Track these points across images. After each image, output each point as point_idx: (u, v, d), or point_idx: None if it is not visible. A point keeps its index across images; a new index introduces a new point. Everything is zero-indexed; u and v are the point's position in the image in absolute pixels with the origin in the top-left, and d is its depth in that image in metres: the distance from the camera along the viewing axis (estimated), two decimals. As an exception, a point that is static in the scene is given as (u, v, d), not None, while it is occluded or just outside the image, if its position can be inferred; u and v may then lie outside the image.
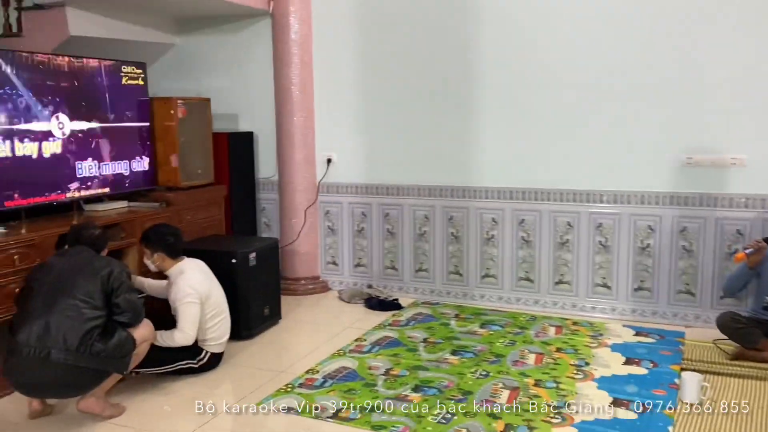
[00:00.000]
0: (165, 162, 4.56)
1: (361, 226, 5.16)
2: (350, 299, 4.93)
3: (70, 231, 3.27)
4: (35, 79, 3.72)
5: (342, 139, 5.11)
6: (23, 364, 2.83)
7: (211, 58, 5.43)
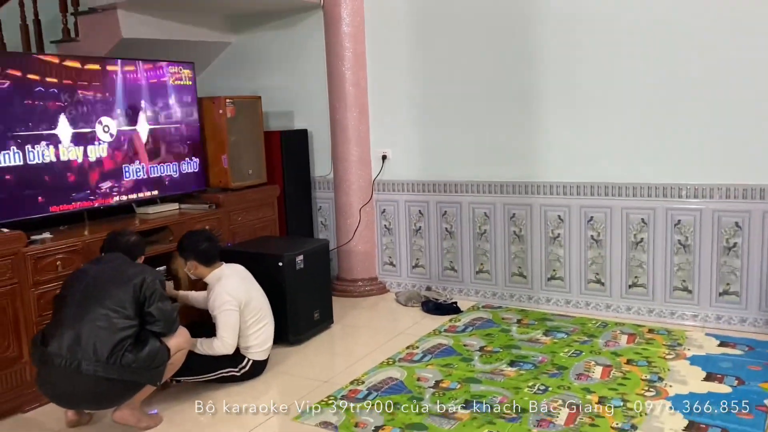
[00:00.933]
0: (215, 163, 4.49)
1: (418, 225, 4.92)
2: (407, 302, 4.70)
3: (106, 238, 3.22)
4: (82, 83, 3.70)
5: (397, 135, 4.88)
6: (54, 375, 2.77)
7: (266, 56, 5.33)
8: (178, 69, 4.30)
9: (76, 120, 3.67)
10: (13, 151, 3.37)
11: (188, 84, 4.37)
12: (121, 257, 3.07)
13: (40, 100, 3.49)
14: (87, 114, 3.74)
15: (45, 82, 3.51)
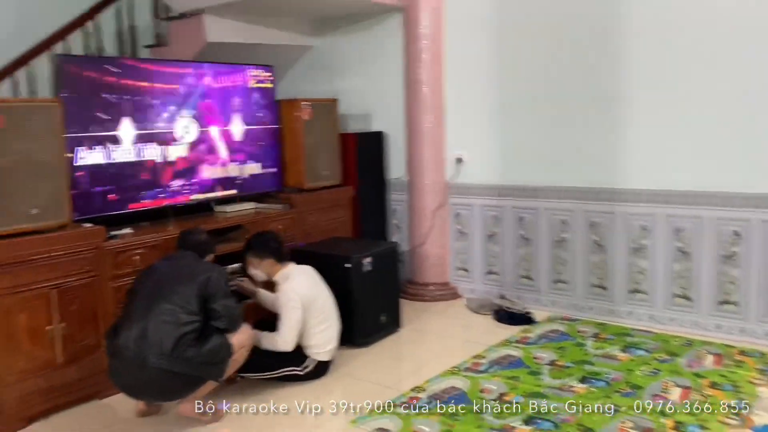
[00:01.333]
0: (292, 163, 4.56)
1: (493, 231, 4.78)
2: (478, 309, 4.58)
3: (179, 235, 3.33)
4: (164, 85, 3.85)
5: (473, 137, 4.77)
6: (123, 366, 2.89)
7: (345, 59, 5.36)
8: (258, 72, 4.40)
9: (157, 121, 3.83)
10: (96, 150, 3.55)
11: (268, 87, 4.46)
12: (191, 255, 3.17)
13: (124, 101, 3.66)
14: (168, 115, 3.89)
15: (129, 84, 3.68)
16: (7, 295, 3.02)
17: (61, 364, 3.22)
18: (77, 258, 3.27)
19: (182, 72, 3.97)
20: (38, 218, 3.14)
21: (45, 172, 3.15)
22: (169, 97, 3.89)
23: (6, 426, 3.04)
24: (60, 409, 3.22)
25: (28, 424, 3.10)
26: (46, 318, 3.16)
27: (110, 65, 3.61)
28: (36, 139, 3.10)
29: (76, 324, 3.26)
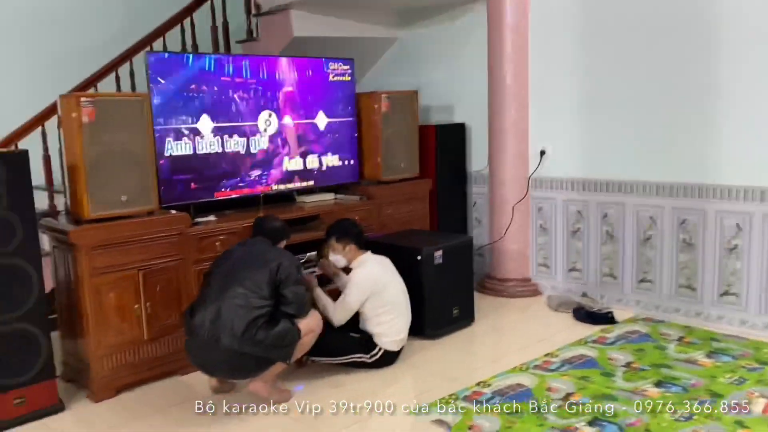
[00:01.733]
0: (369, 156, 4.62)
1: (577, 227, 4.63)
2: (557, 307, 4.46)
3: (254, 222, 3.47)
4: (246, 80, 4.02)
5: (558, 129, 4.63)
6: (198, 345, 3.06)
7: (429, 50, 5.36)
8: (338, 65, 4.49)
9: (240, 114, 4.00)
10: (182, 142, 3.76)
11: (347, 80, 4.54)
12: (264, 242, 3.30)
13: (208, 95, 3.85)
14: (250, 108, 4.05)
15: (213, 79, 3.87)
16: (100, 275, 3.29)
17: (147, 341, 3.46)
18: (163, 242, 3.49)
19: (264, 66, 4.11)
20: (128, 204, 3.38)
21: (134, 161, 3.38)
22: (251, 90, 4.05)
23: (97, 395, 3.31)
24: (144, 383, 3.47)
25: (116, 394, 3.36)
26: (134, 297, 3.40)
27: (195, 61, 3.81)
28: (125, 131, 3.34)
29: (161, 304, 3.49)
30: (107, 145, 3.29)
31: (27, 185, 3.04)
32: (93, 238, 3.25)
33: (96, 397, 3.31)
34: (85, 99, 3.21)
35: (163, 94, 3.65)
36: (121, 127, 3.33)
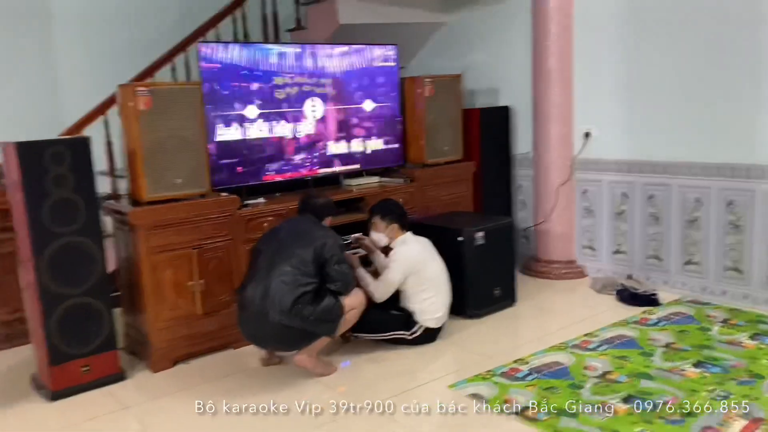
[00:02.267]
0: (414, 139, 4.71)
1: (622, 209, 4.61)
2: (601, 289, 4.47)
3: (300, 199, 3.61)
4: (292, 67, 4.16)
5: (602, 110, 4.61)
6: (248, 318, 3.25)
7: (476, 33, 5.38)
8: (382, 51, 4.58)
9: (286, 100, 4.15)
10: (232, 128, 3.94)
11: (392, 65, 4.63)
12: (310, 219, 3.44)
13: (256, 82, 4.01)
14: (298, 94, 4.20)
15: (261, 66, 4.02)
16: (157, 253, 3.51)
17: (201, 316, 3.67)
18: (215, 223, 3.69)
19: (309, 54, 4.24)
20: (182, 187, 3.59)
21: (187, 147, 3.58)
22: (297, 77, 4.19)
23: (155, 365, 3.54)
24: (199, 355, 3.68)
25: (173, 365, 3.59)
26: (189, 275, 3.61)
27: (244, 50, 3.97)
28: (179, 118, 3.53)
29: (214, 281, 3.69)
30: (162, 131, 3.49)
31: (89, 169, 3.26)
32: (150, 218, 3.47)
33: (154, 367, 3.54)
34: (141, 88, 3.42)
35: (213, 82, 3.83)
36: (175, 114, 3.52)
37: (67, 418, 3.05)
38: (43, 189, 3.11)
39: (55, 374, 3.23)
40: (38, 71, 5.48)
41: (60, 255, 3.18)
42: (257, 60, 4.00)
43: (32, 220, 3.11)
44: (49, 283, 3.16)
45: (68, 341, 3.24)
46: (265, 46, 4.13)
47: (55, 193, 3.14)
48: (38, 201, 3.11)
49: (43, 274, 3.15)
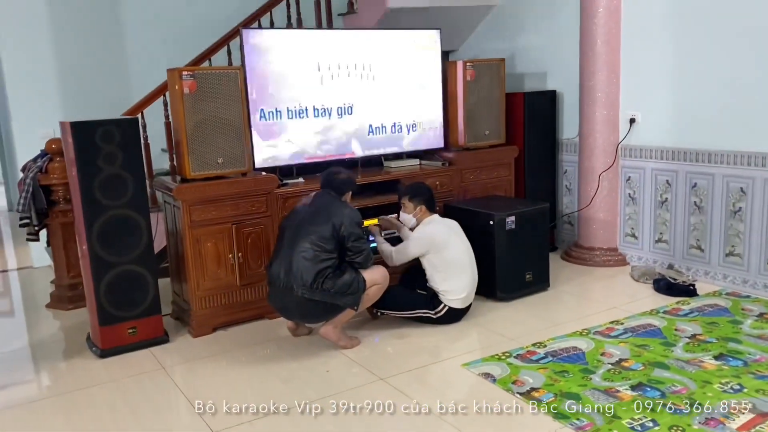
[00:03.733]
0: (454, 123, 4.76)
1: (665, 197, 4.51)
2: (639, 278, 4.41)
3: (322, 176, 3.75)
4: (335, 51, 4.30)
5: (649, 96, 4.50)
6: (276, 293, 3.46)
7: (527, 16, 5.34)
8: (425, 35, 4.64)
9: (331, 83, 4.30)
10: (275, 110, 4.13)
11: (433, 49, 4.69)
12: (330, 196, 3.57)
13: (297, 65, 4.18)
14: (340, 78, 4.34)
15: (303, 50, 4.18)
16: (199, 227, 3.76)
17: (239, 287, 3.91)
18: (254, 200, 3.91)
19: (352, 39, 4.37)
20: (224, 166, 3.82)
21: (229, 128, 3.80)
22: (339, 61, 4.32)
23: (196, 331, 3.82)
24: (237, 323, 3.94)
25: (212, 331, 3.85)
26: (228, 248, 3.85)
27: (286, 35, 4.14)
28: (222, 101, 3.75)
29: (251, 254, 3.92)
30: (206, 113, 3.72)
31: (137, 147, 3.54)
32: (192, 194, 3.72)
33: (195, 332, 3.82)
34: (186, 72, 3.65)
35: (256, 66, 4.03)
36: (218, 97, 3.74)
37: (111, 373, 3.37)
38: (95, 165, 3.41)
39: (104, 334, 3.56)
40: (109, 52, 5.85)
41: (109, 226, 3.48)
42: (300, 44, 4.16)
43: (84, 193, 3.42)
44: (99, 251, 3.48)
45: (116, 305, 3.55)
46: (306, 30, 4.29)
47: (106, 169, 3.44)
48: (90, 176, 3.41)
49: (94, 243, 3.46)
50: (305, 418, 2.82)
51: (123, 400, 3.09)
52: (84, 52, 5.71)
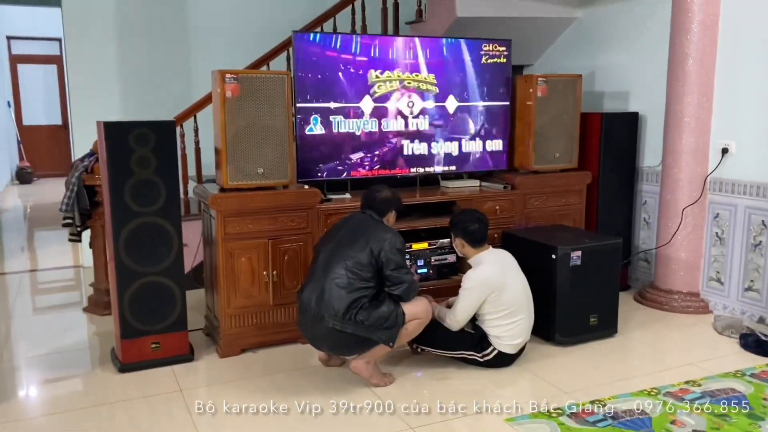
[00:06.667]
0: (521, 143, 4.36)
1: (759, 240, 3.94)
2: (723, 330, 3.85)
3: (363, 194, 3.40)
4: (391, 61, 4.00)
5: (746, 124, 3.96)
6: (306, 320, 3.14)
7: (611, 31, 4.87)
8: (493, 47, 4.27)
9: (385, 94, 3.99)
10: (324, 120, 3.86)
11: (503, 62, 4.30)
12: (369, 219, 3.24)
13: (350, 74, 3.89)
14: (395, 89, 4.02)
15: (355, 59, 3.89)
16: (233, 240, 3.52)
17: (272, 306, 3.64)
18: (294, 215, 3.64)
19: (411, 47, 4.04)
20: (264, 177, 3.57)
21: (273, 136, 3.55)
22: (398, 71, 4.01)
23: (223, 351, 3.57)
24: (267, 345, 3.66)
25: (240, 352, 3.59)
26: (263, 264, 3.59)
27: (339, 41, 3.86)
28: (267, 107, 3.51)
29: (287, 273, 3.65)
30: (248, 119, 3.48)
31: (173, 152, 3.34)
32: (228, 205, 3.49)
33: (222, 352, 3.57)
34: (230, 75, 3.43)
35: (305, 72, 3.77)
36: (263, 102, 3.50)
37: (126, 391, 3.15)
38: (127, 168, 3.23)
39: (125, 347, 3.36)
40: (173, 57, 5.79)
41: (138, 233, 3.29)
42: (355, 52, 3.88)
43: (114, 197, 3.23)
44: (126, 259, 3.28)
45: (140, 317, 3.35)
46: (364, 37, 4.00)
47: (138, 173, 3.25)
48: (121, 179, 3.23)
49: (121, 250, 3.27)
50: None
51: (128, 423, 2.85)
52: (148, 53, 5.66)
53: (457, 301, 3.34)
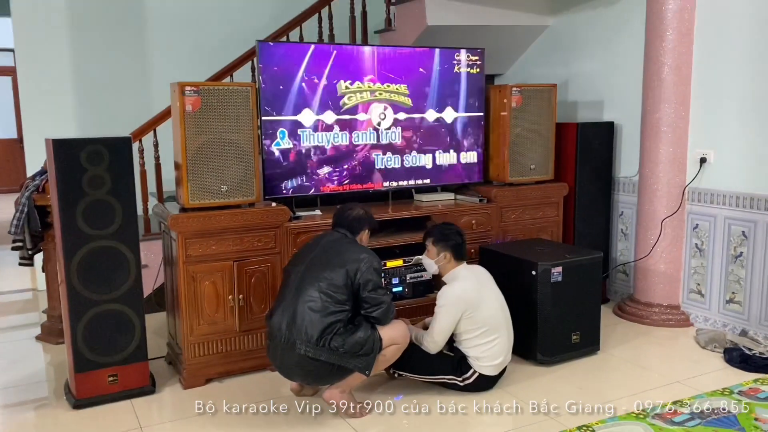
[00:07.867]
0: (496, 154, 4.22)
1: (739, 251, 3.86)
2: (706, 344, 3.76)
3: (334, 212, 3.25)
4: (359, 71, 3.83)
5: (725, 133, 3.89)
6: (277, 348, 2.92)
7: (584, 39, 4.79)
8: (465, 56, 4.13)
9: (353, 106, 3.82)
10: (291, 134, 3.67)
11: (476, 72, 4.17)
12: (342, 238, 3.07)
13: (318, 86, 3.71)
14: (364, 100, 3.86)
15: (322, 70, 3.72)
16: (195, 263, 3.30)
17: (239, 333, 3.42)
18: (260, 234, 3.43)
19: (379, 56, 3.88)
20: (228, 195, 3.36)
21: (237, 152, 3.34)
22: (364, 82, 3.85)
23: (187, 381, 3.34)
24: (234, 374, 3.45)
25: (205, 383, 3.37)
26: (228, 288, 3.37)
27: (307, 50, 3.68)
28: (230, 121, 3.30)
29: (255, 297, 3.44)
30: (211, 134, 3.27)
31: (128, 170, 3.10)
32: (189, 226, 3.26)
33: (186, 383, 3.34)
34: (190, 88, 3.22)
35: (271, 83, 3.58)
36: (225, 116, 3.29)
37: (80, 430, 2.90)
38: (79, 189, 2.99)
39: (79, 381, 3.11)
40: (131, 68, 5.55)
41: (92, 258, 3.05)
42: (321, 62, 3.71)
43: (65, 220, 2.99)
44: (79, 286, 3.04)
45: (95, 348, 3.11)
46: (333, 46, 3.83)
47: (91, 194, 3.01)
48: (72, 201, 2.99)
49: (74, 276, 3.03)
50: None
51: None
52: (104, 65, 5.40)
53: (433, 321, 3.18)
